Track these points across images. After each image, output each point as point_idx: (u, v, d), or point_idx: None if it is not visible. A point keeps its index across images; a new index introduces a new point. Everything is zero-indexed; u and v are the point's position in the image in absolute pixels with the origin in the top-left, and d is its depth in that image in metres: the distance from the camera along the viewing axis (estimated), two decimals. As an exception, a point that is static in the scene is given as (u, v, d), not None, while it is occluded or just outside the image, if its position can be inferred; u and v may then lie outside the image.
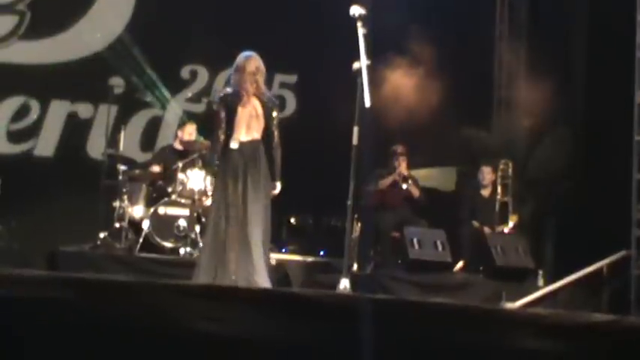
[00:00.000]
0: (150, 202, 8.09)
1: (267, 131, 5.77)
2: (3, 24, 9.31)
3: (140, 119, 9.56)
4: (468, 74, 9.26)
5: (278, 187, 5.85)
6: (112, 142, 8.35)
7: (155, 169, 8.38)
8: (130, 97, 9.29)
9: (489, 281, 7.75)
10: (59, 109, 9.36)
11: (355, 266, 7.91)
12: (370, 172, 8.11)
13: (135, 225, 7.98)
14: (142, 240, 7.72)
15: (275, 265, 7.09)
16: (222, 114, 5.74)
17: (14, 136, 9.27)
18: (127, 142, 8.46)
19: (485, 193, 8.76)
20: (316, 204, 9.16)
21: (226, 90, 5.90)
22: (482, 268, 8.06)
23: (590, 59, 8.77)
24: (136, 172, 8.36)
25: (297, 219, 9.25)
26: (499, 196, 8.61)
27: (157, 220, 7.77)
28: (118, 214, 7.96)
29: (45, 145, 9.30)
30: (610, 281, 7.34)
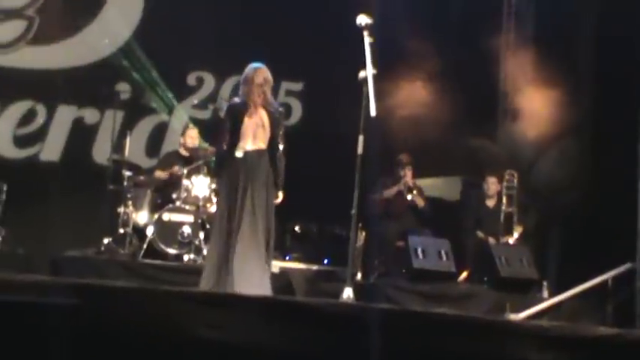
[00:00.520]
0: (154, 208, 8.09)
1: (272, 141, 5.85)
2: (12, 29, 9.36)
3: (146, 125, 9.58)
4: (474, 84, 9.26)
5: (281, 196, 5.95)
6: (117, 147, 8.36)
7: (160, 175, 8.38)
8: (136, 102, 9.31)
9: (493, 292, 7.71)
10: (65, 114, 9.39)
11: (359, 275, 7.89)
12: (375, 181, 8.10)
13: (139, 231, 7.99)
14: (145, 246, 7.72)
15: (278, 273, 7.09)
16: (228, 124, 5.86)
17: (20, 141, 9.29)
18: (133, 147, 8.48)
19: (490, 203, 8.75)
20: (320, 212, 9.15)
21: (234, 100, 6.02)
22: (486, 278, 8.03)
23: (598, 70, 8.75)
24: (141, 178, 8.37)
25: (301, 227, 9.24)
26: (504, 207, 8.59)
27: (161, 227, 7.77)
28: (122, 219, 7.97)
29: (51, 150, 9.33)
30: (615, 294, 7.30)
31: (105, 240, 7.81)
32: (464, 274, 8.24)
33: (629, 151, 7.30)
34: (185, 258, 7.70)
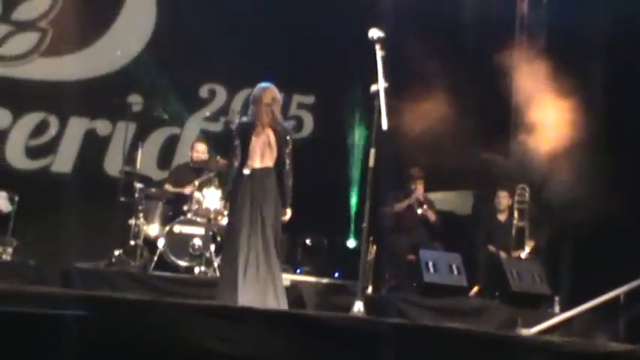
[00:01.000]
0: (165, 220, 8.10)
1: (279, 160, 5.95)
2: (25, 41, 9.41)
3: (158, 137, 9.61)
4: (486, 98, 9.24)
5: (288, 213, 6.01)
6: (129, 159, 8.38)
7: (169, 189, 8.39)
8: (148, 114, 9.33)
9: (505, 307, 7.66)
10: (78, 125, 9.42)
11: (370, 289, 7.86)
12: (386, 195, 8.08)
13: (150, 243, 8.00)
14: (156, 258, 7.72)
15: (289, 286, 7.08)
16: (237, 142, 5.95)
17: (33, 152, 9.33)
18: (144, 159, 8.49)
19: (502, 217, 8.72)
20: (331, 225, 9.14)
21: (243, 119, 6.11)
22: (497, 293, 7.99)
23: (611, 83, 8.72)
24: (152, 190, 8.38)
25: (312, 240, 9.23)
26: (516, 221, 8.55)
27: (172, 239, 7.78)
28: (133, 231, 7.98)
29: (63, 162, 9.36)
30: (627, 309, 7.24)
31: (116, 252, 7.81)
32: (475, 288, 8.19)
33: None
34: (196, 270, 7.70)
